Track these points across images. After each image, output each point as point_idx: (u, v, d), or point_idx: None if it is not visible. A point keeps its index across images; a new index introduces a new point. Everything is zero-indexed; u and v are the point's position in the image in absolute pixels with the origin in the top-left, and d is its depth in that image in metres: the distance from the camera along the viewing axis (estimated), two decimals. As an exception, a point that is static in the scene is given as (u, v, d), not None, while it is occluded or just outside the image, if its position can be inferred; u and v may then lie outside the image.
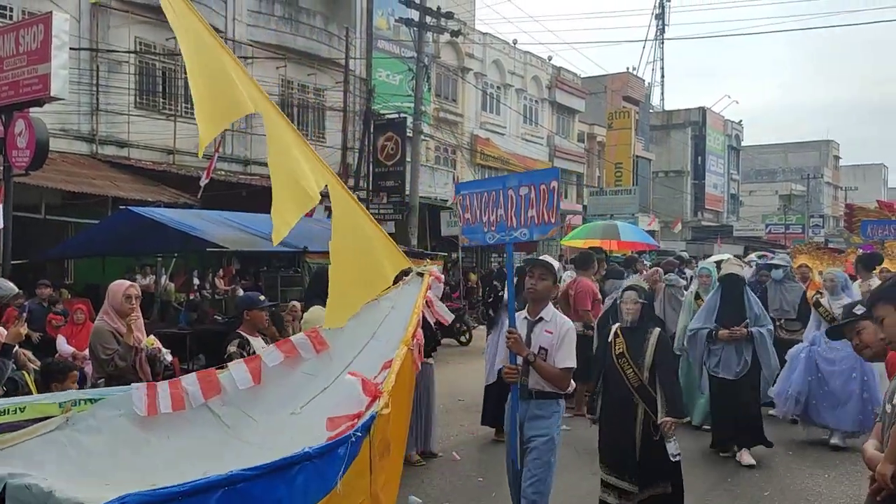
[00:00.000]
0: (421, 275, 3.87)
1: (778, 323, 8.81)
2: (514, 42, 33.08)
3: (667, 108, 55.54)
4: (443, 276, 3.86)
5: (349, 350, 3.65)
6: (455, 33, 20.66)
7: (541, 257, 4.92)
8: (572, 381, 4.65)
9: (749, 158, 64.29)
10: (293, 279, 12.88)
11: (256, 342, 5.48)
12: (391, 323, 3.66)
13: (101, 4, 16.66)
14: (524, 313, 4.59)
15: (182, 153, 17.92)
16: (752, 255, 12.16)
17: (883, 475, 2.77)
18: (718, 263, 9.05)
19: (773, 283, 9.37)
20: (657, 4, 54.81)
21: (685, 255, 20.58)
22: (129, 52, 17.20)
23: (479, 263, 27.17)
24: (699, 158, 51.19)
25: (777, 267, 9.47)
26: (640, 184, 39.47)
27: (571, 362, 4.39)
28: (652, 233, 32.50)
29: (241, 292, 14.56)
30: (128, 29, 17.33)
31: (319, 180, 3.24)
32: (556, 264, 4.57)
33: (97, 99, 16.54)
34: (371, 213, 19.66)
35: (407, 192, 20.37)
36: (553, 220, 4.20)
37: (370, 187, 21.21)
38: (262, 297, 5.90)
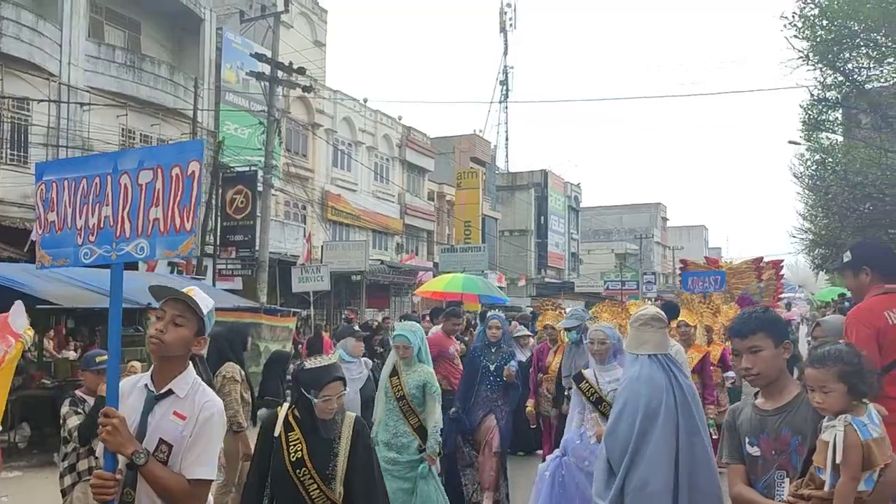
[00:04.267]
0: None
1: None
2: (365, 100, 33.50)
3: (512, 169, 57.99)
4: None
5: None
6: (306, 89, 20.60)
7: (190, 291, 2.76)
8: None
9: (588, 219, 68.13)
10: (133, 339, 12.07)
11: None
12: None
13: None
14: (146, 378, 2.70)
15: (6, 203, 16.57)
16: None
17: None
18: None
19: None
20: (501, 70, 57.72)
21: (530, 310, 21.34)
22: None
23: (329, 320, 26.76)
24: (542, 218, 53.54)
25: (569, 329, 7.09)
26: (488, 241, 40.67)
27: (208, 472, 2.58)
28: (501, 289, 33.42)
29: (72, 355, 13.50)
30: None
31: None
32: (207, 304, 2.73)
33: None
34: (219, 269, 18.72)
35: (256, 248, 19.85)
36: (189, 227, 2.58)
37: (217, 242, 20.50)
38: (101, 359, 5.39)
